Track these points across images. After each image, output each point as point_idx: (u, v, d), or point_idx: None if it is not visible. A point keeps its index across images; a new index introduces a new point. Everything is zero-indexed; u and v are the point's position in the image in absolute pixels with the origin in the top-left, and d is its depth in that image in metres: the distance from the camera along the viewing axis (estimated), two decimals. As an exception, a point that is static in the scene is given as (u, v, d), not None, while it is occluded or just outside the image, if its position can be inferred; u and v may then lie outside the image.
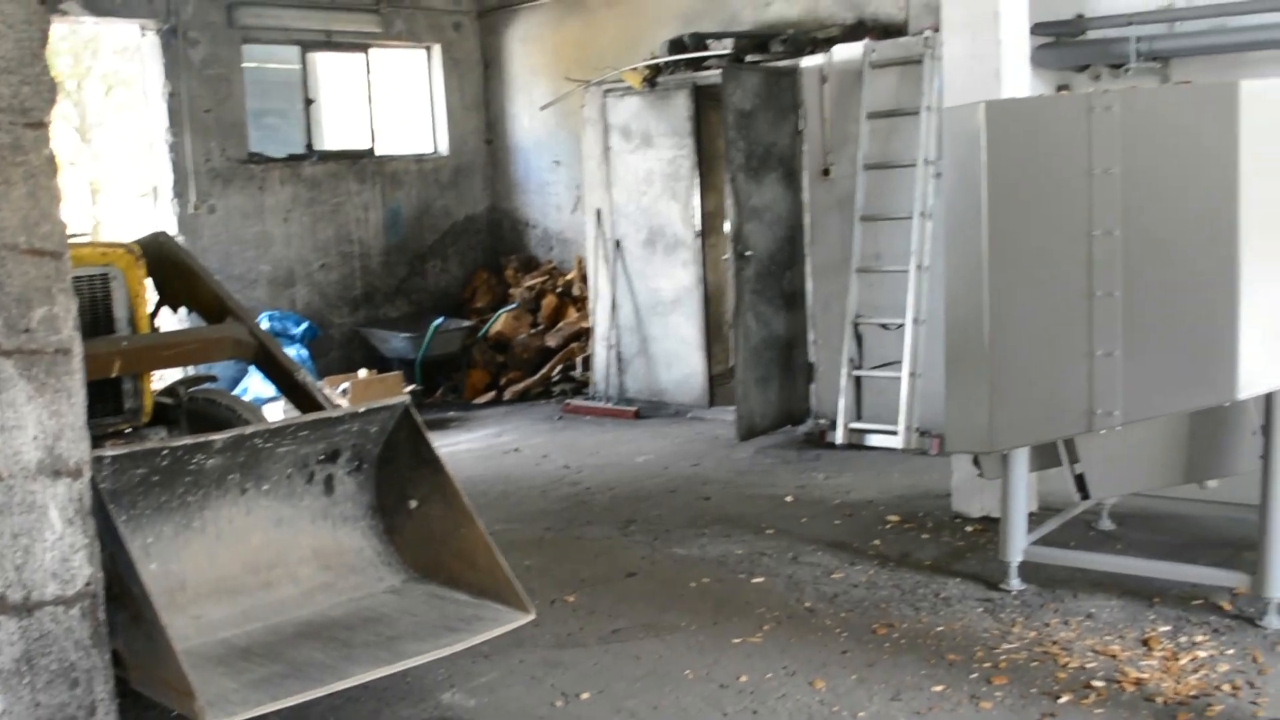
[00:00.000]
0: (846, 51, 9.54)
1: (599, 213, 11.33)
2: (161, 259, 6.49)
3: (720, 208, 10.49)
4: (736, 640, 5.59)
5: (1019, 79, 6.70)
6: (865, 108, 9.24)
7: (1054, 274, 5.02)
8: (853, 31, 10.04)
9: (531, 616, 4.96)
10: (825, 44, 9.86)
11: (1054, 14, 9.60)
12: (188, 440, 4.71)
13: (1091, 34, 9.52)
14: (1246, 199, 4.63)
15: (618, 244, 11.22)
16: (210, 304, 6.38)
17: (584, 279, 12.19)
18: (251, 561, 5.04)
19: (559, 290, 12.81)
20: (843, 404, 9.22)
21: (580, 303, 12.45)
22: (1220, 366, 4.79)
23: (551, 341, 12.41)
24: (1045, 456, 5.99)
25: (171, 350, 6.26)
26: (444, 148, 13.64)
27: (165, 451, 4.61)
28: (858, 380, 9.33)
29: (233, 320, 6.24)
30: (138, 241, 6.54)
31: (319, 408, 5.77)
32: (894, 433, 8.94)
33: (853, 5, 10.37)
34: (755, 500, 7.98)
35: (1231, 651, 5.18)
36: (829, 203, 9.65)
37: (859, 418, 9.31)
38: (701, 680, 5.20)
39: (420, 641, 4.71)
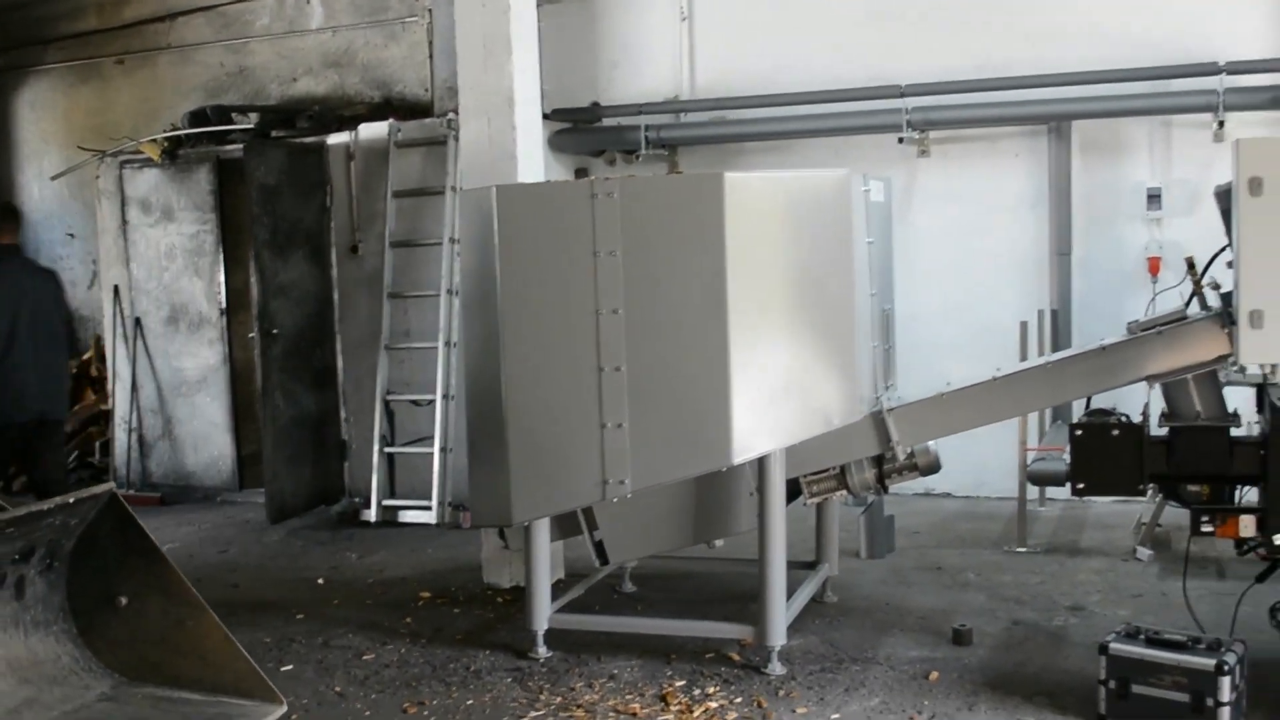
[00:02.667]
0: (373, 130, 9.62)
1: (117, 289, 10.77)
2: None
3: (247, 284, 10.23)
4: (262, 733, 5.41)
5: (535, 162, 6.98)
6: (392, 186, 9.33)
7: (565, 350, 5.24)
8: (379, 110, 10.13)
9: (284, 708, 4.67)
10: (352, 121, 9.89)
11: (572, 100, 10.12)
12: None
13: (606, 121, 10.11)
14: (734, 279, 5.03)
15: (138, 321, 10.69)
16: None
17: (102, 359, 11.51)
18: None
19: (74, 371, 12.01)
20: (376, 481, 9.18)
21: (99, 384, 11.73)
22: (716, 435, 5.14)
23: (66, 426, 11.59)
24: (566, 525, 6.21)
25: None
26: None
27: None
28: (390, 457, 9.32)
29: None
30: None
31: None
32: (428, 508, 8.99)
33: (379, 84, 10.46)
34: (286, 584, 7.77)
35: (740, 699, 5.54)
36: (358, 279, 9.64)
37: (392, 494, 9.30)
38: (223, 778, 4.99)
39: None
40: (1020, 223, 9.38)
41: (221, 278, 10.39)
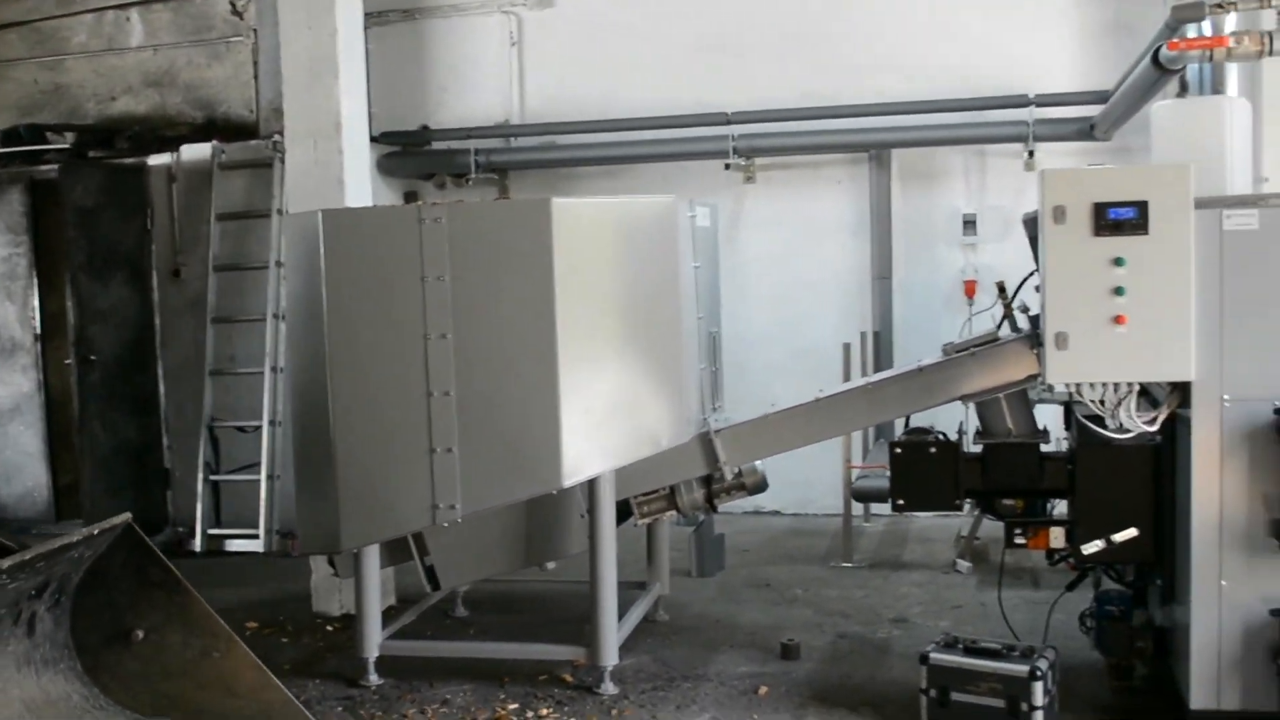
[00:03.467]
0: (196, 151, 9.43)
1: (-77, 314, 10.32)
2: None
3: (63, 308, 9.90)
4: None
5: (363, 186, 6.94)
6: (216, 208, 9.15)
7: (393, 375, 5.22)
8: (202, 131, 9.92)
9: None
10: (174, 142, 9.67)
11: (402, 124, 10.08)
12: None
13: (436, 145, 10.10)
14: (562, 304, 5.09)
15: (-55, 349, 10.26)
16: None
17: (-93, 388, 11.01)
18: None
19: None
20: (200, 510, 8.97)
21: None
22: (546, 458, 5.18)
23: None
24: (397, 551, 6.16)
25: None
26: None
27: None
28: (215, 485, 9.11)
29: None
30: None
31: None
32: (255, 536, 8.81)
33: (202, 104, 10.25)
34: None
35: (573, 720, 5.59)
36: (181, 304, 9.44)
37: (218, 523, 9.10)
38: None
39: None
40: (843, 247, 9.65)
41: (36, 302, 10.02)
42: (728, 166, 9.47)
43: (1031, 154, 8.96)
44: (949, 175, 9.44)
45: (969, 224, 9.28)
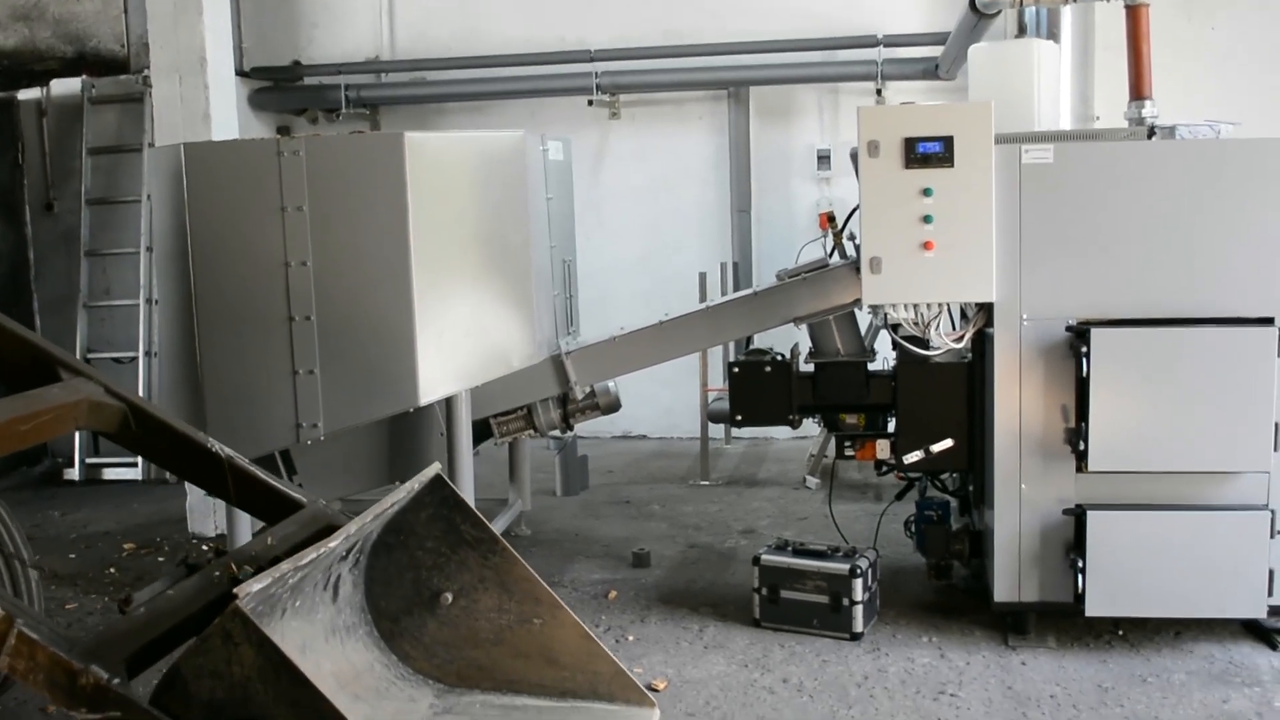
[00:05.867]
0: (66, 86, 9.50)
1: None
2: None
3: (-65, 243, 9.96)
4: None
5: (229, 121, 7.15)
6: (87, 143, 9.25)
7: (257, 302, 5.48)
8: (73, 66, 9.97)
9: (658, 712, 4.18)
10: (44, 77, 9.72)
11: (274, 59, 10.20)
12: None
13: (308, 80, 10.23)
14: (415, 232, 5.37)
15: None
16: (13, 352, 4.48)
17: None
18: None
19: None
20: (78, 439, 9.13)
21: None
22: (403, 378, 5.48)
23: None
24: (267, 470, 6.43)
25: (29, 424, 4.14)
26: None
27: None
28: (93, 415, 9.26)
29: (72, 375, 4.39)
30: None
31: (276, 492, 4.43)
32: (134, 464, 9.03)
33: (73, 39, 10.27)
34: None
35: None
36: (54, 238, 9.54)
37: (96, 453, 9.28)
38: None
39: None
40: (704, 181, 10.03)
41: (-94, 237, 10.06)
42: (590, 103, 9.78)
43: (879, 92, 9.40)
44: (804, 112, 9.85)
45: (823, 159, 9.72)
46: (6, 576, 4.93)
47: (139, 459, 8.93)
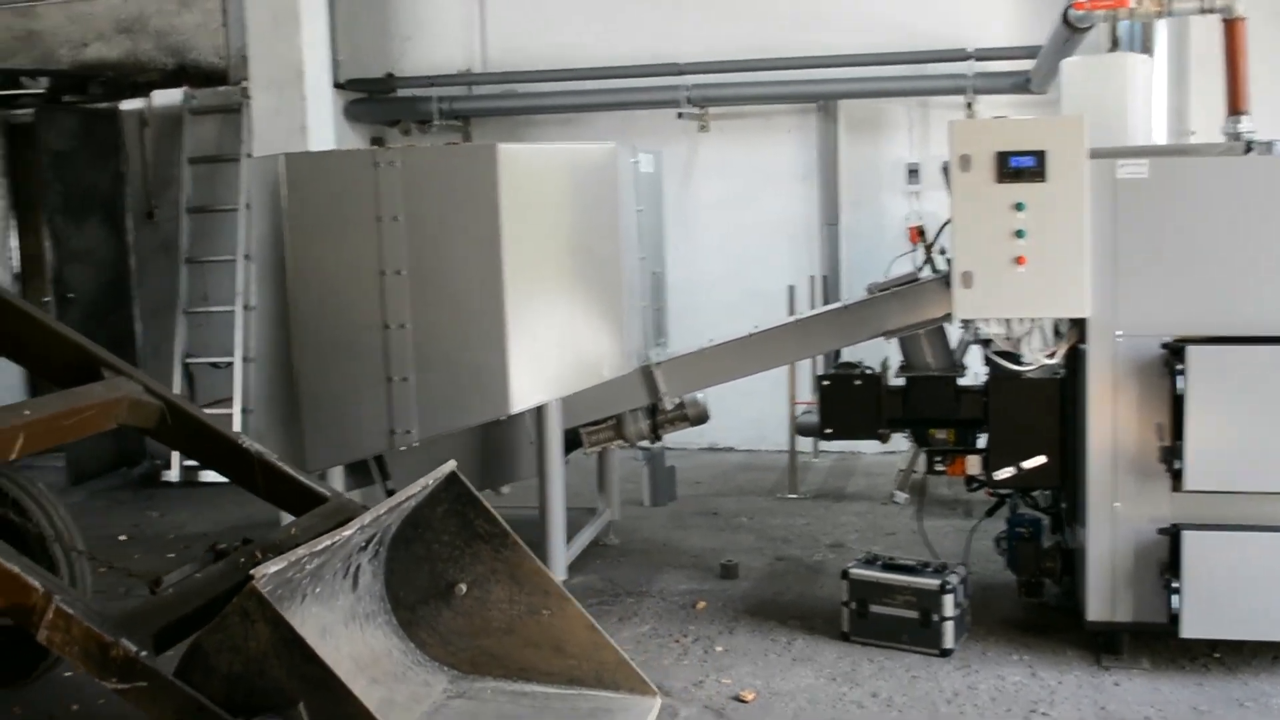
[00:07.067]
0: (167, 97, 9.72)
1: (-98, 256, 10.62)
2: None
3: (41, 250, 10.22)
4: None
5: (325, 132, 7.29)
6: (187, 152, 9.46)
7: (353, 309, 5.59)
8: (173, 77, 10.22)
9: (659, 701, 4.39)
10: (146, 88, 9.96)
11: (367, 71, 10.37)
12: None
13: (401, 92, 10.38)
14: (508, 242, 5.45)
15: (-74, 289, 10.57)
16: (60, 352, 4.91)
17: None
18: None
19: None
20: (175, 443, 9.32)
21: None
22: (495, 386, 5.57)
23: None
24: (361, 475, 6.55)
25: (73, 419, 4.56)
26: None
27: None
28: (190, 419, 9.46)
29: (113, 374, 4.75)
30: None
31: (301, 486, 4.76)
32: (228, 468, 9.17)
33: (174, 51, 10.52)
34: (88, 541, 7.84)
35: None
36: (154, 245, 9.78)
37: (193, 456, 9.44)
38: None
39: None
40: (792, 194, 10.01)
41: (15, 244, 10.36)
42: (680, 115, 9.81)
43: (970, 105, 9.33)
44: (894, 126, 9.80)
45: (913, 173, 9.66)
46: (55, 560, 5.14)
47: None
